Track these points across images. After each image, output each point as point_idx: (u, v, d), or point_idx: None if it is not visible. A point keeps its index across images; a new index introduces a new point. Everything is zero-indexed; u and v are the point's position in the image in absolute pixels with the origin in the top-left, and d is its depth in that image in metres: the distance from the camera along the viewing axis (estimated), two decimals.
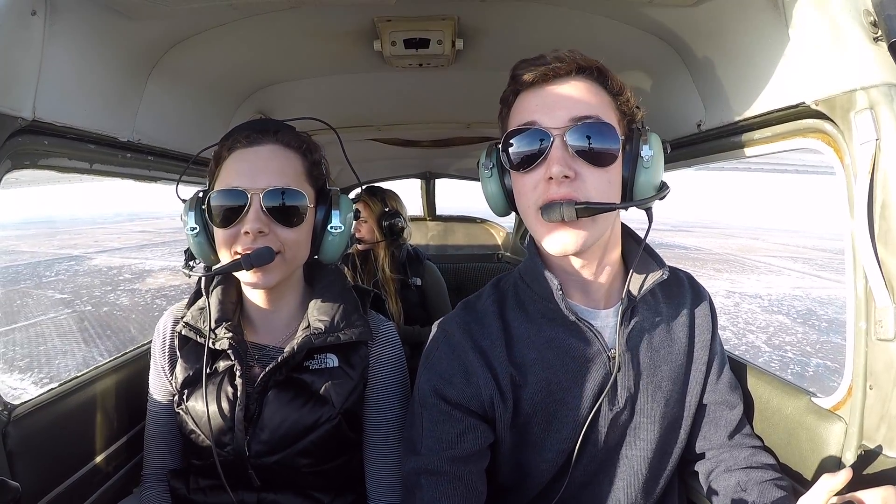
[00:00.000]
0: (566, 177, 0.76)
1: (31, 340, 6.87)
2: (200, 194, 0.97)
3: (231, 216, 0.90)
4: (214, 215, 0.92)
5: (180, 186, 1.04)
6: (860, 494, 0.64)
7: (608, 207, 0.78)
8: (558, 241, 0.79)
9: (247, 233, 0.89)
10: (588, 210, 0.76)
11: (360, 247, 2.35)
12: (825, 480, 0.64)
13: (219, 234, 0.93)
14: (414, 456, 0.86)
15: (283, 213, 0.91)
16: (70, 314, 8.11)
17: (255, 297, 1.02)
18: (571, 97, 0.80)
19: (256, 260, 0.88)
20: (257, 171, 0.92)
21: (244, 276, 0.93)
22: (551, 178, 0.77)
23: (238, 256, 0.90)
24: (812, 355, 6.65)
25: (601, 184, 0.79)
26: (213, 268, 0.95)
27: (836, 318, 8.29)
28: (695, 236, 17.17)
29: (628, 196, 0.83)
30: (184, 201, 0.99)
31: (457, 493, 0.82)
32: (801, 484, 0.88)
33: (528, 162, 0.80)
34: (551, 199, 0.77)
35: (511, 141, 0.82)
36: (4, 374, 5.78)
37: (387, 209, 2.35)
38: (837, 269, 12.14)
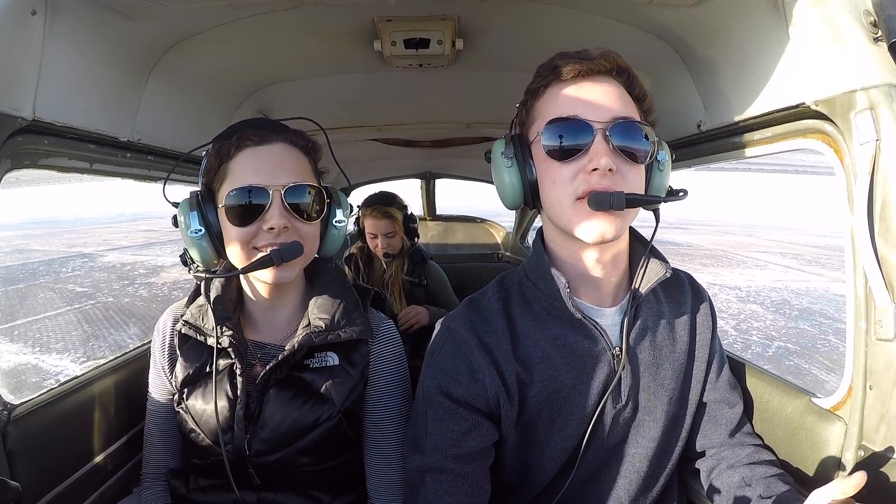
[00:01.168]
0: (610, 170, 0.79)
1: (61, 327, 7.27)
2: (199, 196, 0.95)
3: (251, 214, 0.91)
4: (231, 213, 0.91)
5: (168, 186, 1.04)
6: None
7: (654, 199, 0.83)
8: (597, 228, 0.80)
9: (271, 229, 0.90)
10: (636, 201, 0.79)
11: (386, 260, 2.26)
12: (840, 483, 0.64)
13: (235, 232, 0.92)
14: (418, 454, 0.86)
15: (304, 208, 0.94)
16: (94, 305, 8.41)
17: (258, 295, 1.02)
18: (612, 95, 0.83)
19: (287, 254, 0.89)
20: (275, 168, 0.93)
21: (263, 274, 0.93)
22: (595, 169, 0.79)
23: (262, 254, 0.90)
24: (776, 339, 6.81)
25: (637, 179, 0.83)
26: (244, 265, 0.92)
27: (809, 308, 8.41)
28: (690, 233, 17.14)
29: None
30: (174, 205, 0.98)
31: (461, 490, 0.82)
32: (801, 484, 0.88)
33: (570, 153, 0.81)
34: (594, 189, 0.79)
35: (552, 130, 0.82)
36: (44, 355, 6.19)
37: (407, 213, 2.28)
38: (825, 264, 12.25)
